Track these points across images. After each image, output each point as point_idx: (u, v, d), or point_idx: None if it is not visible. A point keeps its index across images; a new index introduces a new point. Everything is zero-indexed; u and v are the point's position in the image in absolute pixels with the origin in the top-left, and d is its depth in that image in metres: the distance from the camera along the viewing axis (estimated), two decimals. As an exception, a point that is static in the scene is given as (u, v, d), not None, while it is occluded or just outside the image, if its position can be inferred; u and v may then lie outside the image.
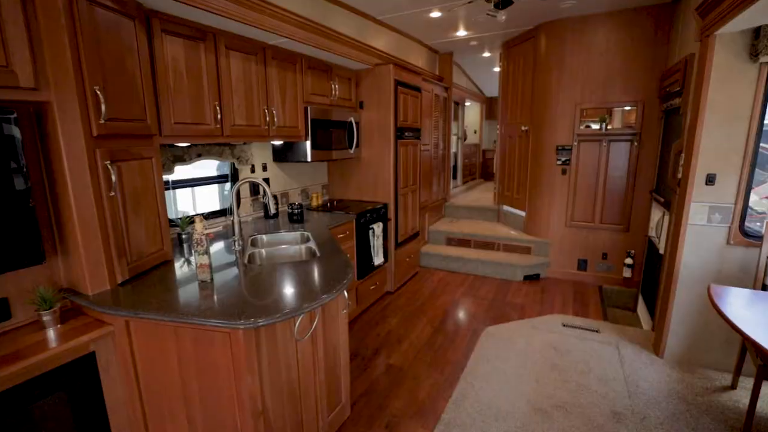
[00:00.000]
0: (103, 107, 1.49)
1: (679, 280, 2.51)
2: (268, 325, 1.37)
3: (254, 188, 2.96)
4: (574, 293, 3.78)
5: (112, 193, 1.57)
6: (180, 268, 1.85)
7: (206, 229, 1.70)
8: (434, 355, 2.71)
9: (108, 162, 1.54)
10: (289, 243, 2.52)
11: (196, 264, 1.65)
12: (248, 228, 2.66)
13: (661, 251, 2.91)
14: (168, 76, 1.91)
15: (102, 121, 1.50)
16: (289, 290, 1.57)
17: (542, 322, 3.15)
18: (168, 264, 1.91)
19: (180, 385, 1.49)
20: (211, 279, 1.68)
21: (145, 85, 1.73)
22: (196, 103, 2.06)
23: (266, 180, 3.07)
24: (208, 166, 2.81)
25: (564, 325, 3.09)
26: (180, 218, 2.26)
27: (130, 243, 1.68)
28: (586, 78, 3.71)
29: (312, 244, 2.24)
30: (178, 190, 2.88)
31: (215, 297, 1.50)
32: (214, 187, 2.89)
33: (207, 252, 1.65)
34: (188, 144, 2.29)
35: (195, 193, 3.05)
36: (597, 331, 2.99)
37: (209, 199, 2.90)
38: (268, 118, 2.52)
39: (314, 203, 3.47)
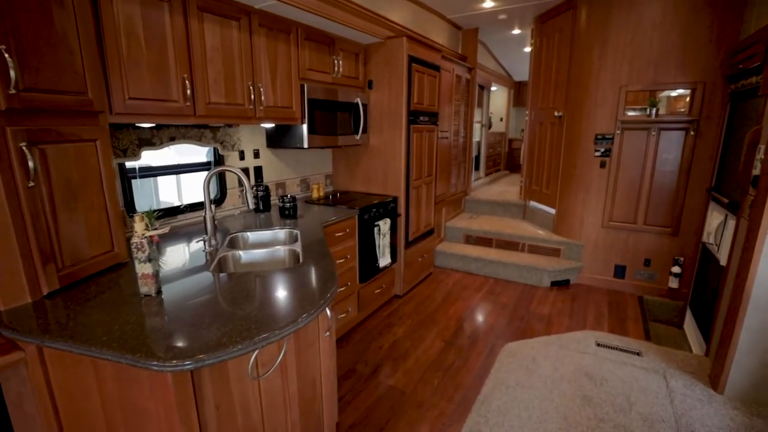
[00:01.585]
0: (12, 73, 1.15)
1: (750, 300, 2.02)
2: (203, 367, 1.02)
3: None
4: (610, 304, 3.30)
5: (32, 184, 1.24)
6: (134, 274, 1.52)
7: (153, 229, 1.36)
8: (443, 376, 2.33)
9: (24, 144, 1.21)
10: (274, 243, 2.18)
11: (138, 274, 1.32)
12: (234, 223, 2.33)
13: (722, 262, 2.41)
14: (119, 39, 1.56)
15: (12, 92, 1.16)
16: (248, 313, 1.21)
17: (572, 339, 2.71)
18: (120, 268, 1.59)
19: (106, 431, 1.17)
20: (158, 292, 1.34)
21: (85, 50, 1.39)
22: (159, 76, 1.72)
23: (258, 169, 2.73)
24: (194, 152, 2.49)
25: (598, 345, 2.64)
26: (145, 212, 1.93)
27: (62, 245, 1.36)
28: (634, 55, 3.16)
29: (297, 246, 1.88)
30: (161, 179, 2.60)
31: (148, 321, 1.16)
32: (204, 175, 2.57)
33: (151, 259, 1.31)
34: (153, 125, 1.96)
35: (181, 182, 2.75)
36: (638, 354, 2.53)
37: (199, 188, 2.58)
38: (253, 96, 2.16)
39: (315, 195, 3.11)
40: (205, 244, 1.81)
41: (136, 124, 1.89)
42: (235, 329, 1.10)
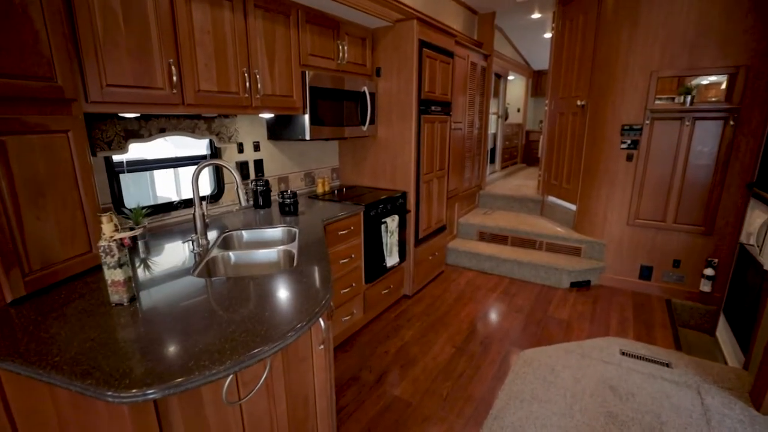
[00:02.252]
0: (-40, 54, 1.01)
1: (802, 312, 1.79)
2: (166, 396, 0.87)
3: (242, 171, 2.48)
4: (635, 307, 3.06)
5: (-12, 179, 1.11)
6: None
7: (125, 230, 1.22)
8: (453, 386, 2.16)
9: (-24, 135, 1.08)
10: (271, 243, 2.03)
11: (107, 281, 1.18)
12: (231, 220, 2.19)
13: (767, 266, 2.16)
14: (94, 18, 1.41)
15: (-41, 75, 1.03)
16: (226, 329, 1.06)
17: (594, 347, 2.50)
18: (98, 271, 1.46)
19: (67, 458, 1.04)
20: (131, 300, 1.20)
21: (51, 29, 1.25)
22: (142, 60, 1.57)
23: (258, 162, 2.58)
24: (193, 144, 2.35)
25: (623, 354, 2.43)
26: (132, 209, 1.81)
27: (28, 246, 1.23)
28: (667, 37, 2.89)
29: (294, 247, 1.72)
30: (159, 173, 2.47)
31: (112, 336, 1.02)
32: (206, 169, 2.43)
33: (122, 264, 1.17)
34: (137, 115, 1.81)
35: (179, 176, 2.62)
36: (668, 365, 2.31)
37: (203, 182, 2.45)
38: (249, 84, 1.99)
39: (320, 190, 2.95)
40: (193, 244, 1.67)
41: (119, 115, 1.75)
42: (207, 350, 0.95)
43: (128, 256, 1.20)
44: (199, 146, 2.35)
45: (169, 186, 2.65)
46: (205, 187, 2.40)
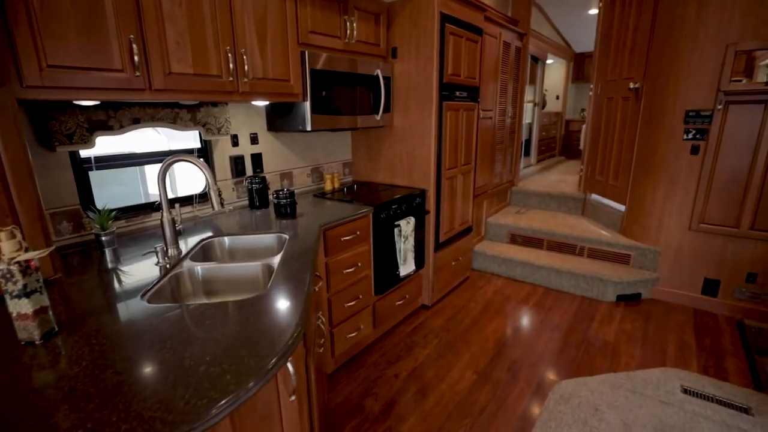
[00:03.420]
0: None
1: None
2: None
3: (237, 166, 2.21)
4: (697, 329, 2.57)
5: None
6: (80, 290, 1.14)
7: (27, 250, 0.95)
8: (472, 425, 1.81)
9: None
10: (258, 252, 1.74)
11: (12, 314, 0.92)
12: (224, 222, 1.94)
13: None
14: (24, -17, 1.15)
15: None
16: (136, 397, 0.77)
17: (648, 380, 2.07)
18: (50, 288, 1.23)
19: None
20: (49, 335, 0.94)
21: (-39, -6, 0.99)
22: (93, 35, 1.30)
23: (257, 156, 2.31)
24: (187, 137, 2.11)
25: (686, 392, 1.98)
26: (99, 211, 1.57)
27: (-68, 265, 0.99)
28: (751, 1, 2.34)
29: (276, 260, 1.43)
30: (148, 168, 2.26)
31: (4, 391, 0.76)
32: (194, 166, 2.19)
33: (30, 292, 0.90)
34: (96, 103, 1.54)
35: (174, 172, 2.40)
36: (747, 411, 1.85)
37: (196, 177, 2.22)
38: (233, 66, 1.70)
39: (328, 187, 2.66)
40: (157, 256, 1.40)
41: (75, 102, 1.50)
42: (110, 425, 0.66)
43: (41, 280, 0.94)
44: (195, 138, 2.11)
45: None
46: (195, 185, 2.15)
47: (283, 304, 1.09)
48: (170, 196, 2.12)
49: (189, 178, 2.21)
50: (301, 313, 1.05)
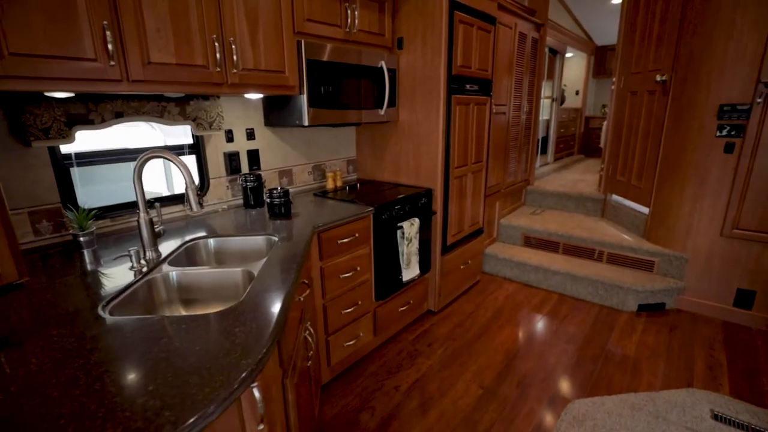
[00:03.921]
0: None
1: None
2: None
3: (232, 163, 2.10)
4: (728, 344, 2.35)
5: None
6: (41, 298, 1.05)
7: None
8: (475, 446, 1.66)
9: None
10: (246, 255, 1.63)
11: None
12: (216, 222, 1.83)
13: None
14: (-20, -38, 1.05)
15: None
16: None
17: (673, 403, 1.88)
18: (16, 291, 1.14)
19: None
20: (-14, 355, 0.84)
21: None
22: (61, 20, 1.20)
23: (253, 153, 2.20)
24: (186, 132, 2.01)
25: (716, 418, 1.79)
26: (77, 211, 1.48)
27: None
28: (796, -18, 2.10)
29: (258, 266, 1.31)
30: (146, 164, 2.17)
31: None
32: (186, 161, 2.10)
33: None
34: (70, 95, 1.44)
35: (170, 168, 2.31)
36: (787, 442, 1.65)
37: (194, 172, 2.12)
38: (219, 56, 1.58)
39: (330, 185, 2.53)
40: (132, 260, 1.30)
41: (47, 95, 1.41)
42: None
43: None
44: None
45: (159, 179, 2.35)
46: (180, 183, 2.05)
47: (253, 320, 0.97)
48: (167, 193, 2.05)
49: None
50: (272, 331, 0.92)
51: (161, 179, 2.29)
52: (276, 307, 1.03)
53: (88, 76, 1.27)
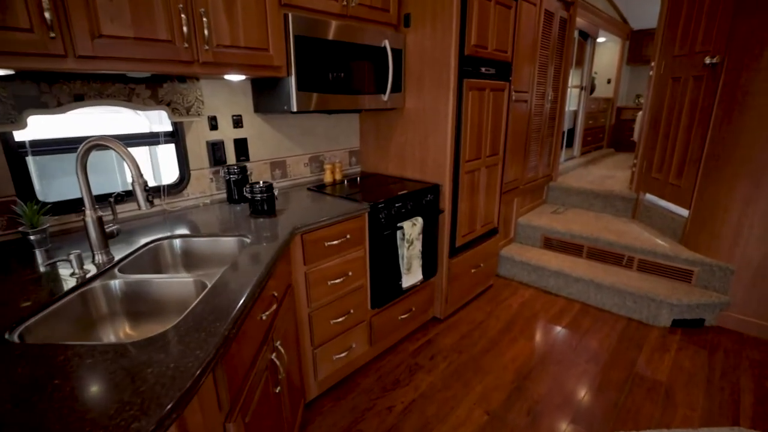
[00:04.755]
0: None
1: None
2: None
3: (215, 153, 1.91)
4: (781, 372, 2.03)
5: None
6: None
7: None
8: (475, 486, 1.43)
9: None
10: (218, 259, 1.43)
11: None
12: (198, 217, 1.65)
13: None
14: None
15: None
16: None
17: (715, 443, 1.59)
18: None
19: None
20: None
21: None
22: (-18, -19, 1.01)
23: (241, 142, 2.00)
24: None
25: (769, 465, 1.49)
26: (26, 206, 1.31)
27: None
28: None
29: (217, 274, 1.10)
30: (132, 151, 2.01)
31: None
32: (166, 149, 1.92)
33: None
34: (9, 72, 1.24)
35: (157, 156, 2.14)
36: None
37: (165, 166, 1.96)
38: (187, 30, 1.37)
39: (328, 179, 2.32)
40: (72, 265, 1.12)
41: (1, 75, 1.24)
42: None
43: None
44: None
45: (144, 169, 2.19)
46: (167, 173, 1.88)
47: (180, 354, 0.76)
48: (153, 184, 1.87)
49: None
50: (203, 367, 0.71)
51: (147, 170, 2.12)
52: (216, 336, 0.82)
53: (24, 50, 1.09)
